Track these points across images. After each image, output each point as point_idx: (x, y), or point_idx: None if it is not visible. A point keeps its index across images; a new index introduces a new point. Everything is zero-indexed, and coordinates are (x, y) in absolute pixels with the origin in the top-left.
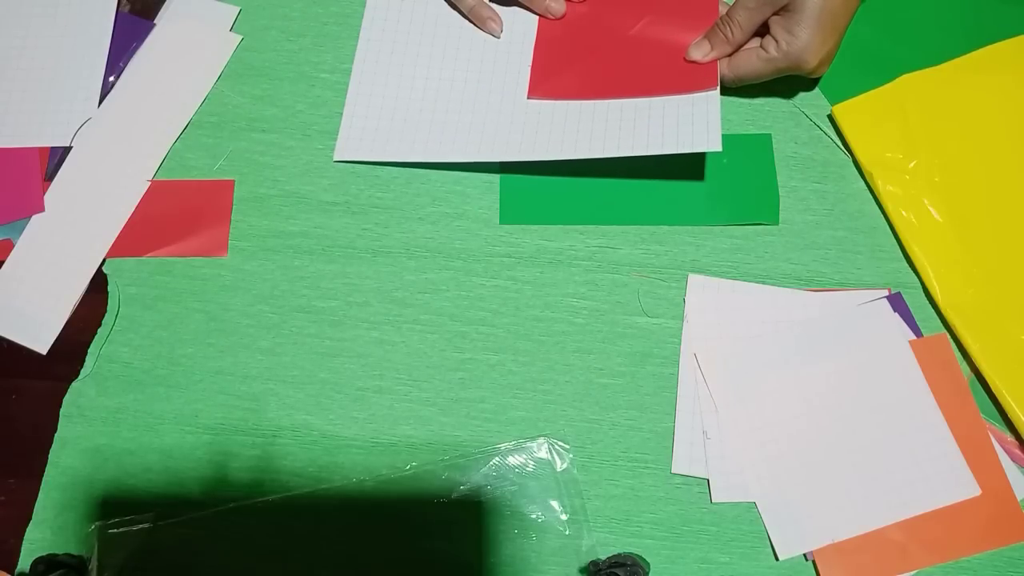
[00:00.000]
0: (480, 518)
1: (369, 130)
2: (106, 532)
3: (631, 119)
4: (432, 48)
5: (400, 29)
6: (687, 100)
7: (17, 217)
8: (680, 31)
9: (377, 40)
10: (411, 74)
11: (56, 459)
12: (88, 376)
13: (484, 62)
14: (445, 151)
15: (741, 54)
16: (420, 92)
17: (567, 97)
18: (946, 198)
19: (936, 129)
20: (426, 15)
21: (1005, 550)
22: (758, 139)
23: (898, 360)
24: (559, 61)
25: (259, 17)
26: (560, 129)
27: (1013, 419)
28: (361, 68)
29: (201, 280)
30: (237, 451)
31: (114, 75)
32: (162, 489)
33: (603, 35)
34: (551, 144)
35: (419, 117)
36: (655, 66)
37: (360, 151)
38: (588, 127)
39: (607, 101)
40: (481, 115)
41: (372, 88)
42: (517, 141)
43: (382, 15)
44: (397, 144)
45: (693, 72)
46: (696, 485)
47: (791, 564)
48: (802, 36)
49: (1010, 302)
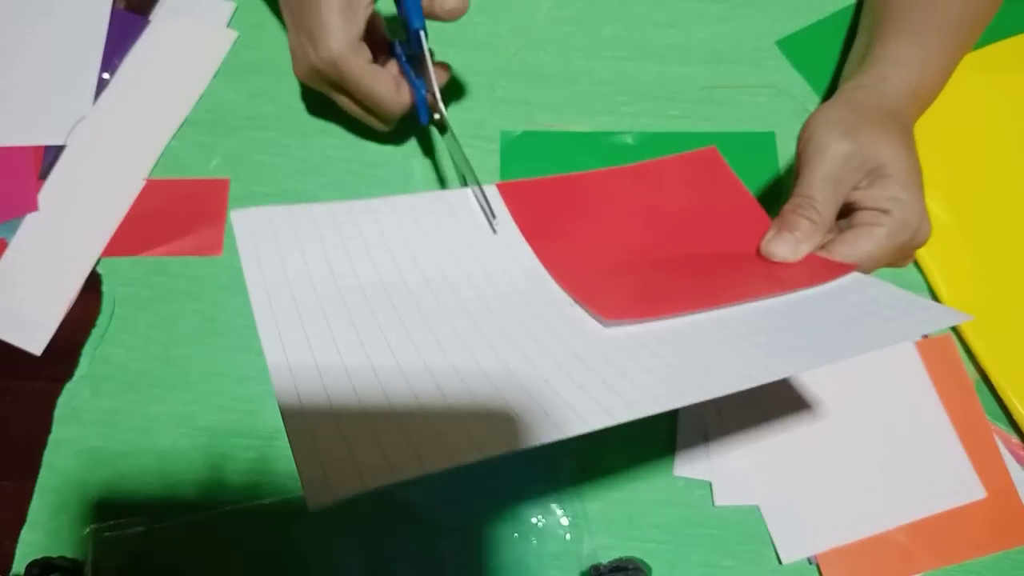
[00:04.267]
0: (479, 522)
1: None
2: (101, 535)
3: (767, 326)
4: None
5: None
6: (834, 290)
7: (10, 216)
8: (731, 244)
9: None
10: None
11: (50, 461)
12: (82, 377)
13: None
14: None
15: (847, 237)
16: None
17: (658, 315)
18: (950, 197)
19: (940, 127)
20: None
21: (1010, 553)
22: (762, 137)
23: (903, 361)
24: (603, 283)
25: (255, 13)
26: (670, 360)
27: (1019, 421)
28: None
29: (196, 280)
30: (233, 454)
31: (109, 72)
32: (157, 492)
33: (639, 255)
34: (690, 383)
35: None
36: (742, 267)
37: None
38: (708, 348)
39: (710, 313)
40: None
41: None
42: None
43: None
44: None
45: (788, 271)
46: (699, 488)
47: (795, 568)
48: (909, 199)
49: (1016, 303)
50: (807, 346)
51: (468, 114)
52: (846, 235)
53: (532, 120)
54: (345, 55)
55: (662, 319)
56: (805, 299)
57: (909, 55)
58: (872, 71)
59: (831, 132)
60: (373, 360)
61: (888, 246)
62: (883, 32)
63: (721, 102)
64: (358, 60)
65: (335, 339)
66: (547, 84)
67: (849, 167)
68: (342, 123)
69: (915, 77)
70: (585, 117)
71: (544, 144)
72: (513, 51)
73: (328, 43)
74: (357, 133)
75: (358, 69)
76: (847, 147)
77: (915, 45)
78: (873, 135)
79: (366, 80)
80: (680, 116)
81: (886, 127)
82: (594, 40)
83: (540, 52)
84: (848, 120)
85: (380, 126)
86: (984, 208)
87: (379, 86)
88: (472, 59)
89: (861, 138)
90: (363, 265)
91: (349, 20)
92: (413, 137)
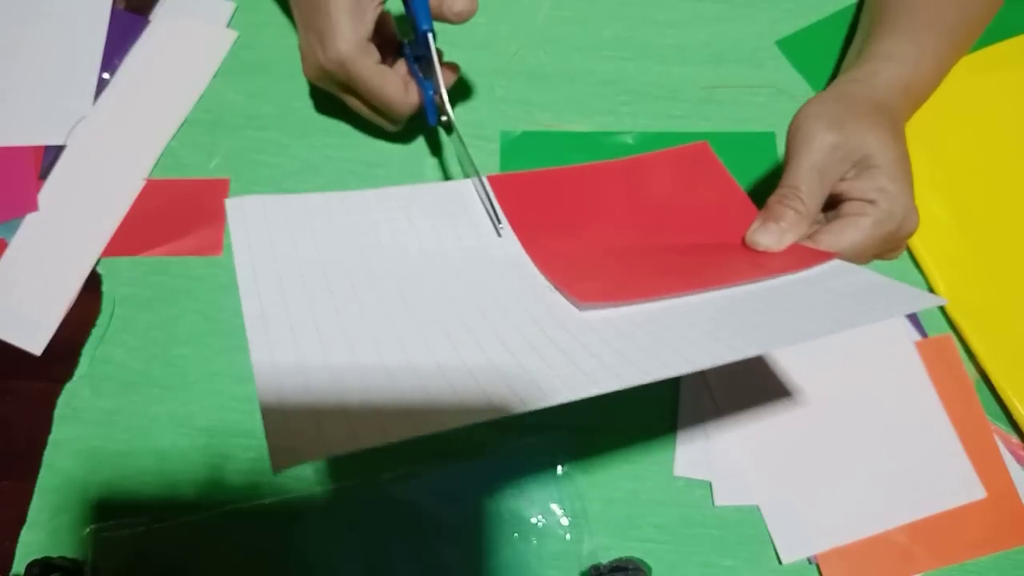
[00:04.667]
0: (479, 522)
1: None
2: (101, 535)
3: (740, 310)
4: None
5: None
6: (815, 276)
7: (10, 216)
8: (716, 234)
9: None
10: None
11: (50, 461)
12: (82, 377)
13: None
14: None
15: (832, 227)
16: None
17: (633, 298)
18: (950, 196)
19: (939, 127)
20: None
21: (1010, 553)
22: (761, 137)
23: (903, 361)
24: (582, 269)
25: (255, 13)
26: (645, 341)
27: (1019, 421)
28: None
29: (196, 280)
30: (233, 453)
31: (109, 72)
32: (157, 492)
33: (625, 246)
34: (655, 359)
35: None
36: (724, 256)
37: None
38: (684, 331)
39: (686, 297)
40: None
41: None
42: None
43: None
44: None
45: (770, 259)
46: (699, 488)
47: (795, 568)
48: (896, 190)
49: (1016, 302)
50: (778, 326)
51: (468, 114)
52: (832, 225)
53: (532, 120)
54: (353, 56)
55: (636, 303)
56: (782, 284)
57: (903, 52)
58: (866, 66)
59: (818, 123)
60: (349, 334)
61: (874, 236)
62: (879, 29)
63: (721, 102)
64: (366, 61)
65: (314, 314)
66: (547, 84)
67: (835, 158)
68: (342, 123)
69: (907, 73)
70: (585, 117)
71: (544, 144)
72: (513, 51)
73: (337, 44)
74: (358, 133)
75: (366, 70)
76: (833, 138)
77: (909, 42)
78: (860, 126)
79: (374, 81)
80: (680, 116)
81: (874, 119)
82: (594, 40)
83: (540, 52)
84: (835, 112)
85: (389, 126)
86: (984, 208)
87: (387, 87)
88: (472, 59)
89: (848, 129)
90: (350, 249)
91: (357, 21)
92: (420, 137)
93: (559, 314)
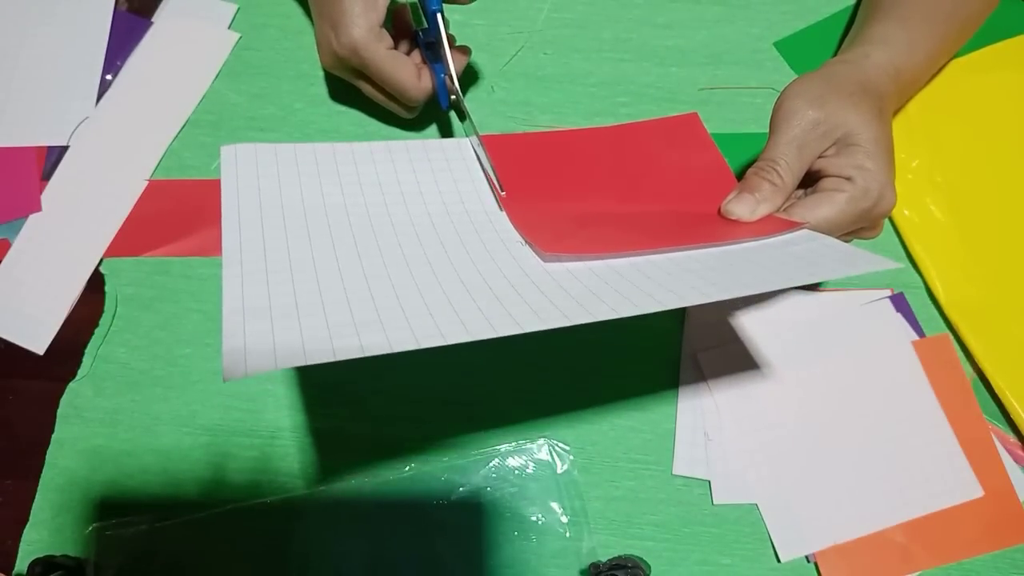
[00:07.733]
0: (480, 520)
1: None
2: (104, 533)
3: (700, 266)
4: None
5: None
6: (780, 242)
7: (14, 217)
8: (696, 203)
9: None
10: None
11: (53, 460)
12: (85, 377)
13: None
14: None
15: (807, 201)
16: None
17: (596, 252)
18: (948, 198)
19: (938, 129)
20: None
21: (1007, 551)
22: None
23: (901, 361)
24: (555, 226)
25: (257, 15)
26: (601, 288)
27: (1016, 420)
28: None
29: (199, 280)
30: (235, 452)
31: (111, 73)
32: (160, 490)
33: (602, 208)
34: (606, 301)
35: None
36: (695, 221)
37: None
38: (640, 281)
39: (646, 255)
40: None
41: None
42: (541, 307)
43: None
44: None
45: (742, 227)
46: (697, 487)
47: (793, 566)
48: (875, 168)
49: (1013, 302)
50: (732, 278)
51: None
52: (807, 199)
53: (532, 121)
54: (366, 41)
55: (600, 257)
56: (745, 247)
57: (895, 36)
58: (857, 49)
59: (800, 100)
60: (317, 261)
61: (848, 212)
62: (874, 16)
63: (719, 103)
64: (379, 47)
65: (289, 252)
66: (547, 85)
67: (815, 134)
68: (343, 124)
69: (898, 57)
70: (585, 118)
71: None
72: (513, 52)
73: (349, 30)
74: (358, 134)
75: (378, 55)
76: (814, 115)
77: (902, 29)
78: (843, 104)
79: (387, 66)
80: None
81: (857, 98)
82: (594, 42)
83: (540, 54)
84: (819, 89)
85: (404, 112)
86: (982, 209)
87: (399, 71)
88: (473, 60)
89: (830, 107)
90: (331, 191)
91: (369, 7)
92: (433, 124)
93: (524, 264)
